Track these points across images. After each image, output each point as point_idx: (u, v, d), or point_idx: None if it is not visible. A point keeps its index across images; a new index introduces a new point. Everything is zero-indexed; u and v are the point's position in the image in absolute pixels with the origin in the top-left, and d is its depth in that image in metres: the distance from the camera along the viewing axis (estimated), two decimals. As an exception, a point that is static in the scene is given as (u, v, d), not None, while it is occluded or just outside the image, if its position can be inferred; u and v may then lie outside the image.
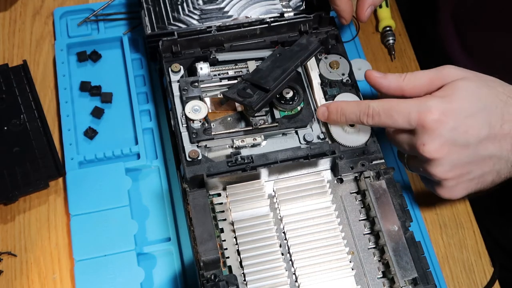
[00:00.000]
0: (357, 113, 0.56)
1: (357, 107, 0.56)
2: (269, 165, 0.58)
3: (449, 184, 0.55)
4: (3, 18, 0.77)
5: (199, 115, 0.59)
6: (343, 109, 0.58)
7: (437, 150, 0.52)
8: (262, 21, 0.66)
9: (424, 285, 0.53)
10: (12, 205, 0.65)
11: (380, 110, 0.55)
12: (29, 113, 0.68)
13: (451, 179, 0.54)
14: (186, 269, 0.62)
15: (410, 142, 0.54)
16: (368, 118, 0.55)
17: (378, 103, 0.55)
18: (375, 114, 0.55)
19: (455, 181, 0.55)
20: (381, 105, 0.55)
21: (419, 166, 0.56)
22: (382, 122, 0.55)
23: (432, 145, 0.52)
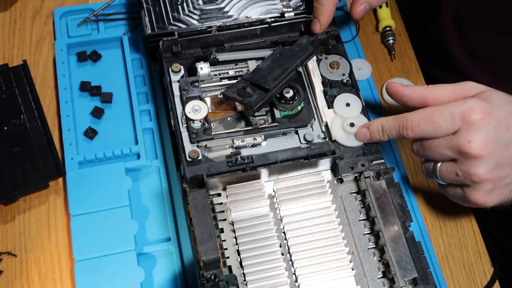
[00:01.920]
0: (397, 128, 0.56)
1: (396, 122, 0.56)
2: (269, 165, 0.58)
3: (487, 187, 0.54)
4: (3, 18, 0.77)
5: (199, 115, 0.59)
6: (383, 127, 0.57)
7: (483, 146, 0.52)
8: (263, 21, 0.66)
9: (424, 285, 0.53)
10: (12, 205, 0.65)
11: (420, 120, 0.54)
12: (29, 113, 0.68)
13: (491, 181, 0.53)
14: (186, 269, 0.62)
15: (452, 144, 0.53)
16: (408, 131, 0.55)
17: (416, 113, 0.55)
18: (415, 125, 0.54)
19: (493, 184, 0.54)
20: (420, 114, 0.54)
21: (457, 169, 0.54)
22: (423, 132, 0.54)
23: (478, 141, 0.52)
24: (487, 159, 0.52)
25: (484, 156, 0.52)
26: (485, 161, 0.52)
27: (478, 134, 0.52)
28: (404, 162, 0.70)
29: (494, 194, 0.55)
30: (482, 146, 0.52)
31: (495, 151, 0.52)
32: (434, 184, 0.69)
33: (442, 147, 0.54)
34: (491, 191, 0.54)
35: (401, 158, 0.70)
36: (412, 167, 0.70)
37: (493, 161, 0.53)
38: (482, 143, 0.52)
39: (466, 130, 0.52)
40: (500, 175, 0.53)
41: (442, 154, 0.55)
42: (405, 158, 0.70)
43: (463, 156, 0.53)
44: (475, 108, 0.52)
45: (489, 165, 0.53)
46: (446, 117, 0.53)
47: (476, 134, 0.52)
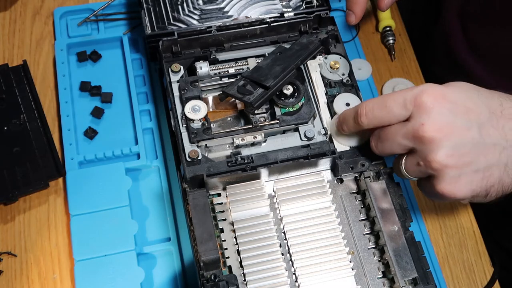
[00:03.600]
0: (352, 116, 0.55)
1: (353, 110, 0.55)
2: (269, 165, 0.58)
3: (450, 174, 0.50)
4: (3, 18, 0.77)
5: (199, 115, 0.59)
6: (344, 117, 0.57)
7: (437, 129, 0.49)
8: (262, 21, 0.66)
9: (424, 285, 0.53)
10: (12, 205, 0.65)
11: (373, 105, 0.53)
12: (29, 113, 0.68)
13: (453, 167, 0.50)
14: (186, 269, 0.62)
15: (407, 130, 0.51)
16: (362, 118, 0.53)
17: (370, 100, 0.54)
18: (369, 111, 0.53)
19: (457, 170, 0.50)
20: (373, 101, 0.53)
21: (418, 159, 0.51)
22: (377, 117, 0.53)
23: (431, 124, 0.49)
24: (443, 142, 0.49)
25: (440, 139, 0.49)
26: (441, 144, 0.49)
27: (431, 116, 0.49)
28: (404, 162, 0.70)
29: (462, 183, 0.50)
30: (436, 128, 0.49)
31: (452, 133, 0.49)
32: (434, 184, 0.69)
33: (397, 135, 0.52)
34: (458, 179, 0.50)
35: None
36: (412, 167, 0.70)
37: (451, 144, 0.49)
38: (435, 125, 0.49)
39: (419, 113, 0.50)
40: (462, 159, 0.50)
41: (399, 143, 0.52)
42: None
43: (419, 141, 0.50)
44: (427, 91, 0.50)
45: (447, 149, 0.49)
46: (399, 100, 0.51)
47: (428, 116, 0.49)
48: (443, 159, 0.49)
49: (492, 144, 0.50)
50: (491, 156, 0.50)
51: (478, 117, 0.50)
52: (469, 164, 0.50)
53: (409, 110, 0.51)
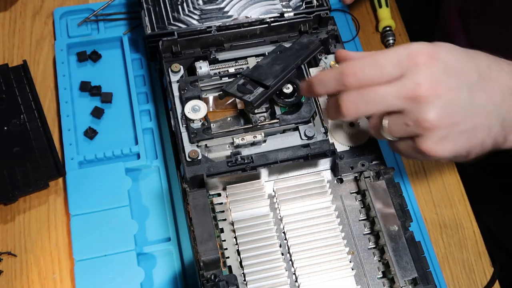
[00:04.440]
0: (336, 77, 0.50)
1: (335, 71, 0.51)
2: (269, 165, 0.58)
3: (438, 134, 0.49)
4: (3, 18, 0.77)
5: (199, 115, 0.59)
6: (321, 78, 0.52)
7: (432, 88, 0.48)
8: (262, 21, 0.66)
9: (424, 285, 0.53)
10: (12, 205, 0.65)
11: (364, 64, 0.49)
12: (29, 113, 0.68)
13: (443, 126, 0.49)
14: (186, 269, 0.62)
15: (400, 90, 0.49)
16: (350, 77, 0.49)
17: (358, 59, 0.50)
18: (358, 69, 0.49)
19: (446, 130, 0.49)
20: (363, 59, 0.50)
21: (407, 119, 0.50)
22: (368, 76, 0.49)
23: (427, 83, 0.48)
24: (437, 101, 0.48)
25: (434, 99, 0.48)
26: (435, 104, 0.48)
27: (427, 75, 0.48)
28: (404, 162, 0.70)
29: (447, 143, 0.50)
30: (431, 87, 0.48)
31: (445, 93, 0.48)
32: (434, 184, 0.69)
33: (388, 96, 0.49)
34: (444, 139, 0.49)
35: (401, 158, 0.70)
36: (412, 167, 0.70)
37: (444, 104, 0.48)
38: (431, 85, 0.48)
39: (413, 72, 0.48)
40: (452, 120, 0.49)
41: (388, 104, 0.49)
42: (405, 158, 0.70)
43: (413, 101, 0.48)
44: (421, 50, 0.49)
45: (440, 108, 0.48)
46: (392, 58, 0.49)
47: (425, 76, 0.48)
48: (434, 118, 0.48)
49: (480, 106, 0.50)
50: (478, 118, 0.50)
51: (468, 79, 0.49)
52: (457, 125, 0.49)
53: (403, 69, 0.49)
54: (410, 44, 0.50)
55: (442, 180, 0.70)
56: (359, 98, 0.50)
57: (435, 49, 0.50)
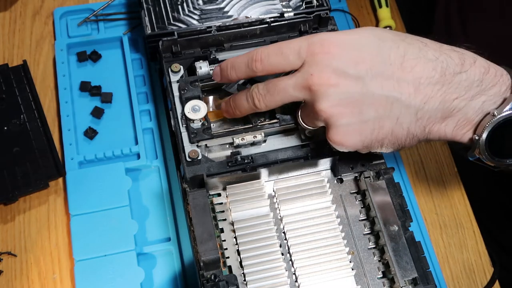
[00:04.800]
0: (246, 62, 0.53)
1: (245, 57, 0.53)
2: (269, 165, 0.58)
3: (338, 123, 0.50)
4: (3, 18, 0.77)
5: (199, 115, 0.59)
6: (232, 63, 0.54)
7: (324, 79, 0.49)
8: (262, 21, 0.66)
9: (424, 285, 0.53)
10: (12, 205, 0.65)
11: (269, 51, 0.51)
12: (29, 113, 0.68)
13: (340, 116, 0.49)
14: (186, 269, 0.62)
15: (297, 80, 0.50)
16: (257, 63, 0.52)
17: (266, 46, 0.52)
18: (264, 57, 0.51)
19: (345, 119, 0.50)
20: (270, 46, 0.52)
21: (309, 110, 0.52)
22: (273, 63, 0.51)
23: (319, 74, 0.49)
24: (329, 92, 0.49)
25: (325, 89, 0.49)
26: (327, 94, 0.49)
27: (320, 67, 0.49)
28: (404, 162, 0.70)
29: (350, 133, 0.50)
30: (324, 78, 0.49)
31: (339, 84, 0.48)
32: (434, 184, 0.69)
33: (289, 86, 0.51)
34: (346, 129, 0.50)
35: (401, 158, 0.70)
36: (412, 167, 0.70)
37: (338, 94, 0.49)
38: (323, 75, 0.49)
39: (309, 63, 0.49)
40: (351, 110, 0.49)
41: (290, 95, 0.51)
42: (405, 158, 0.70)
43: (308, 91, 0.50)
44: (322, 40, 0.49)
45: (333, 99, 0.49)
46: (294, 48, 0.50)
47: (317, 67, 0.49)
48: (327, 108, 0.49)
49: (384, 95, 0.49)
50: (381, 108, 0.49)
51: (370, 68, 0.49)
52: (357, 115, 0.49)
53: (302, 59, 0.50)
54: (318, 34, 0.51)
55: (442, 180, 0.70)
56: (266, 90, 0.52)
57: (340, 38, 0.50)
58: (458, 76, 0.49)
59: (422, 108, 0.49)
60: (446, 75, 0.49)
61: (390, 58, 0.49)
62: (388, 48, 0.49)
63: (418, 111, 0.49)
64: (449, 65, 0.49)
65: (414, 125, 0.50)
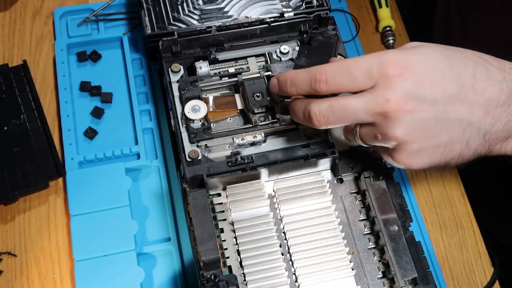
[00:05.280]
0: (308, 81, 0.50)
1: (308, 75, 0.50)
2: (269, 165, 0.58)
3: (411, 148, 0.48)
4: (3, 18, 0.77)
5: (199, 115, 0.59)
6: (292, 79, 0.52)
7: (402, 103, 0.46)
8: (262, 21, 0.66)
9: (424, 285, 0.53)
10: (12, 205, 0.65)
11: (335, 72, 0.49)
12: (29, 113, 0.68)
13: (414, 142, 0.48)
14: (186, 269, 0.62)
15: (370, 105, 0.48)
16: (322, 84, 0.49)
17: (331, 65, 0.49)
18: (330, 77, 0.48)
19: (418, 144, 0.48)
20: (335, 66, 0.49)
21: (377, 132, 0.49)
22: (338, 85, 0.49)
23: (396, 100, 0.46)
24: (406, 118, 0.47)
25: (403, 115, 0.47)
26: (403, 120, 0.47)
27: (396, 90, 0.46)
28: (404, 162, 0.70)
29: (420, 156, 0.49)
30: (400, 103, 0.46)
31: (415, 108, 0.47)
32: (434, 184, 0.69)
33: (359, 110, 0.48)
34: (417, 153, 0.49)
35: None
36: (412, 167, 0.70)
37: (414, 120, 0.47)
38: (400, 100, 0.46)
39: (383, 86, 0.47)
40: (424, 135, 0.48)
41: (358, 118, 0.49)
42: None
43: (381, 116, 0.47)
44: (394, 60, 0.47)
45: (409, 125, 0.47)
46: (363, 69, 0.48)
47: (393, 91, 0.47)
48: (403, 135, 0.48)
49: (457, 119, 0.48)
50: (454, 132, 0.48)
51: (445, 91, 0.47)
52: (430, 139, 0.48)
53: (373, 80, 0.47)
54: (385, 52, 0.49)
55: (442, 180, 0.70)
56: (330, 112, 0.49)
57: (410, 58, 0.48)
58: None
59: (490, 131, 0.49)
60: (511, 96, 0.49)
61: (462, 79, 0.48)
62: (457, 68, 0.48)
63: (487, 133, 0.49)
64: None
65: (481, 146, 0.50)
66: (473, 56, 0.49)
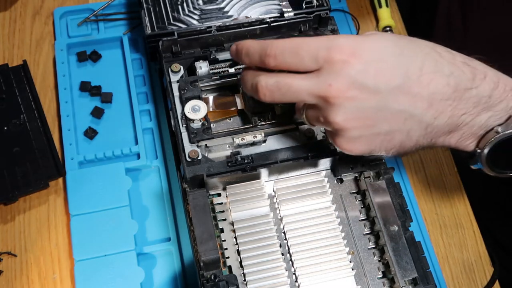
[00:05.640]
0: (259, 53, 0.50)
1: (259, 47, 0.50)
2: (269, 165, 0.58)
3: (350, 135, 0.49)
4: (3, 18, 0.77)
5: (199, 115, 0.59)
6: (247, 49, 0.52)
7: (342, 91, 0.47)
8: (262, 21, 0.66)
9: (424, 285, 0.53)
10: (12, 205, 0.65)
11: (285, 49, 0.49)
12: (29, 113, 0.68)
13: (353, 128, 0.49)
14: (186, 269, 0.62)
15: (313, 88, 0.48)
16: (271, 59, 0.49)
17: (282, 41, 0.49)
18: (279, 53, 0.49)
19: (357, 131, 0.49)
20: (286, 43, 0.49)
21: (319, 115, 0.50)
22: (286, 62, 0.49)
23: (337, 86, 0.47)
24: (346, 104, 0.47)
25: (343, 101, 0.47)
26: (344, 106, 0.47)
27: (339, 77, 0.47)
28: (404, 162, 0.70)
29: (360, 143, 0.50)
30: (342, 90, 0.47)
31: (356, 96, 0.47)
32: (434, 184, 0.69)
33: (302, 91, 0.49)
34: (356, 139, 0.50)
35: (401, 158, 0.70)
36: (412, 167, 0.70)
37: (353, 107, 0.48)
38: (342, 87, 0.47)
39: (327, 71, 0.47)
40: (365, 123, 0.48)
41: (302, 99, 0.50)
42: (405, 158, 0.70)
43: (323, 100, 0.48)
44: (342, 46, 0.47)
45: (348, 112, 0.48)
46: (312, 51, 0.48)
47: (336, 77, 0.47)
48: (342, 121, 0.48)
49: (399, 110, 0.48)
50: (395, 122, 0.49)
51: (389, 81, 0.47)
52: (370, 128, 0.49)
53: (319, 64, 0.48)
54: (336, 37, 0.49)
55: (442, 180, 0.70)
56: (276, 87, 0.50)
57: (360, 45, 0.48)
58: (469, 92, 0.49)
59: (432, 123, 0.49)
60: (457, 90, 0.48)
61: (409, 71, 0.48)
62: (407, 59, 0.48)
63: (428, 126, 0.49)
64: (461, 80, 0.48)
65: (422, 138, 0.50)
66: (425, 48, 0.49)
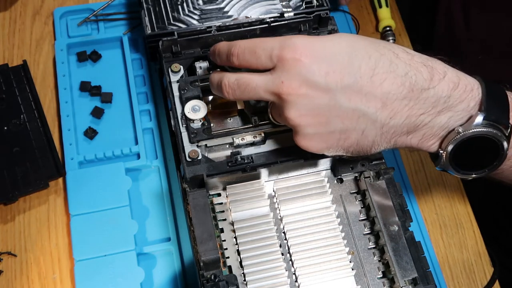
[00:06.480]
0: (226, 53, 0.53)
1: (227, 47, 0.53)
2: (269, 165, 0.58)
3: (305, 131, 0.51)
4: (3, 18, 0.77)
5: (199, 115, 0.59)
6: (218, 50, 0.55)
7: (294, 89, 0.49)
8: (262, 21, 0.66)
9: (424, 285, 0.53)
10: (12, 205, 0.65)
11: (245, 48, 0.51)
12: (29, 113, 0.68)
13: (308, 125, 0.50)
14: (186, 269, 0.62)
15: (268, 85, 0.50)
16: (234, 58, 0.52)
17: (245, 41, 0.52)
18: (240, 52, 0.52)
19: (312, 129, 0.50)
20: (247, 43, 0.52)
21: (279, 112, 0.52)
22: (247, 61, 0.52)
23: (289, 83, 0.49)
24: (298, 101, 0.49)
25: (296, 98, 0.49)
26: (296, 104, 0.49)
27: (290, 76, 0.49)
28: (404, 162, 0.70)
29: (316, 140, 0.51)
30: (294, 87, 0.49)
31: (307, 95, 0.49)
32: (434, 184, 0.69)
33: (259, 89, 0.51)
34: (312, 137, 0.51)
35: (401, 158, 0.70)
36: (412, 167, 0.70)
37: (306, 104, 0.49)
38: (294, 84, 0.49)
39: (280, 69, 0.49)
40: (318, 120, 0.50)
41: (260, 96, 0.52)
42: (405, 158, 0.70)
43: (277, 97, 0.50)
44: (296, 46, 0.49)
45: (301, 109, 0.49)
46: (267, 50, 0.50)
47: (288, 75, 0.49)
48: (295, 117, 0.50)
49: (351, 109, 0.49)
50: (348, 120, 0.50)
51: (340, 80, 0.48)
52: (324, 125, 0.50)
53: (273, 62, 0.50)
54: (290, 37, 0.50)
55: (442, 180, 0.70)
56: (236, 85, 0.52)
57: (313, 44, 0.49)
58: (426, 92, 0.49)
59: (388, 123, 0.49)
60: (413, 91, 0.48)
61: (361, 70, 0.48)
62: (360, 59, 0.49)
63: (384, 125, 0.50)
64: (417, 80, 0.49)
65: (379, 137, 0.51)
66: (382, 49, 0.50)
